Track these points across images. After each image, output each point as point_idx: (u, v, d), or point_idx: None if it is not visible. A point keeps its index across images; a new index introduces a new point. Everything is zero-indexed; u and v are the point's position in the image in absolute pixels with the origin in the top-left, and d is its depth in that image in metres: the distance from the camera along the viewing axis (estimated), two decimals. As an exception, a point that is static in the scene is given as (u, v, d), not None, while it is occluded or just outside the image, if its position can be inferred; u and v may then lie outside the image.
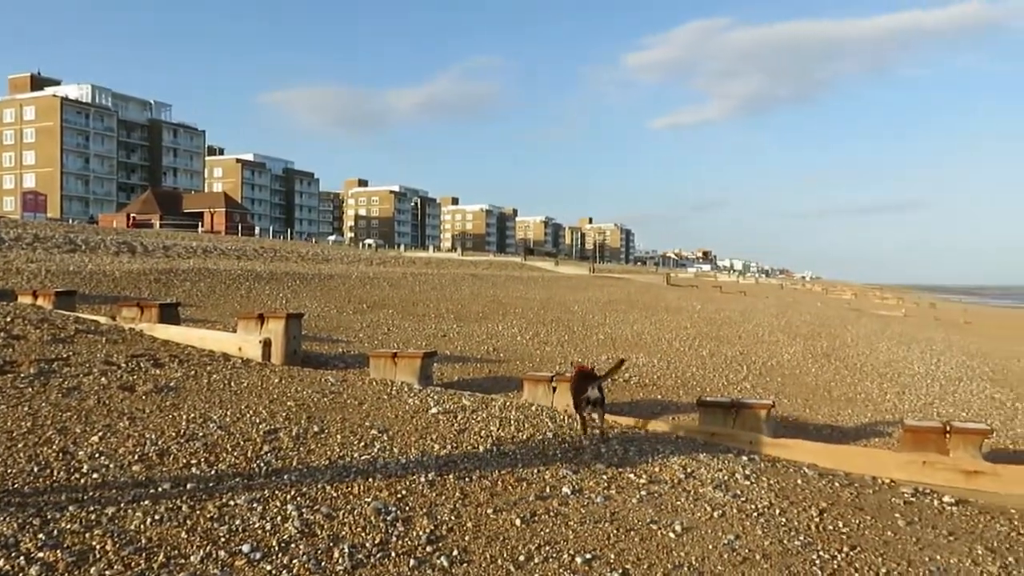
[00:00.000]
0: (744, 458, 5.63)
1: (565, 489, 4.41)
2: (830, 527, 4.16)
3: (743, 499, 4.53)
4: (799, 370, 12.31)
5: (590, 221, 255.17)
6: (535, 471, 4.73)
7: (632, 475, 4.84)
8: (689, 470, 5.07)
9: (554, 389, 7.23)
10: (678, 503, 4.37)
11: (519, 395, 7.66)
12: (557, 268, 57.15)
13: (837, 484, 5.13)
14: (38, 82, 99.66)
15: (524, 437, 5.60)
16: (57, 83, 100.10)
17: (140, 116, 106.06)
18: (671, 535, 3.82)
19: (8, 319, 8.47)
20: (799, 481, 5.11)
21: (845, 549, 3.82)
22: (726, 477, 4.98)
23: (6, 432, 4.65)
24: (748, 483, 4.89)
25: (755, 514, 4.26)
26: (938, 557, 3.86)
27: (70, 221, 57.92)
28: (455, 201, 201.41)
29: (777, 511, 4.36)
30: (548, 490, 4.39)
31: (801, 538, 3.92)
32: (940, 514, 4.72)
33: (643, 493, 4.49)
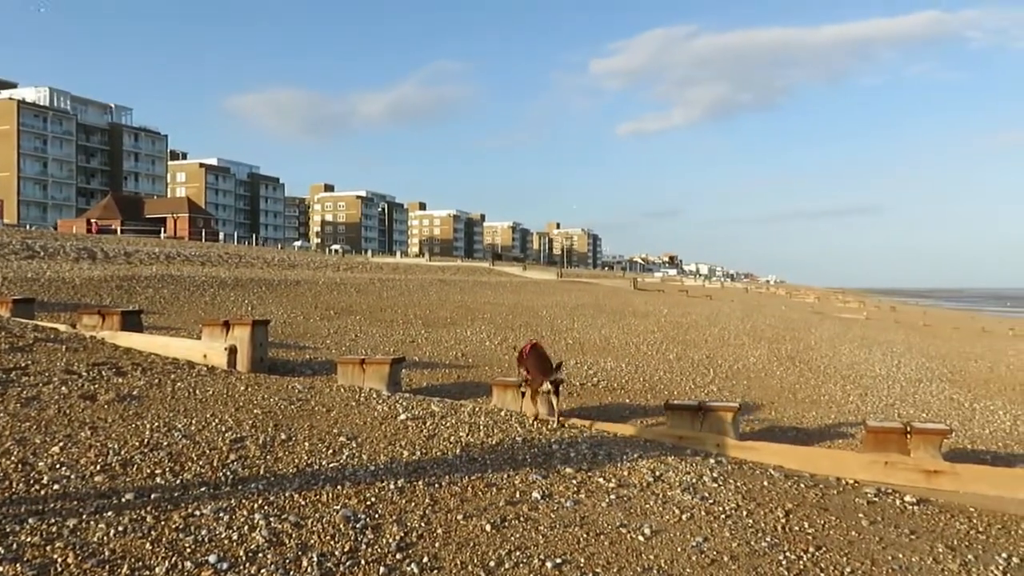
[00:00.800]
0: (711, 460, 5.69)
1: (535, 494, 4.42)
2: (796, 528, 4.22)
3: (711, 501, 4.58)
4: (765, 373, 12.47)
5: (558, 226, 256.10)
6: (505, 476, 4.74)
7: (601, 479, 4.87)
8: (657, 473, 5.11)
9: (523, 394, 7.23)
10: (647, 506, 4.40)
11: (488, 400, 7.66)
12: (525, 273, 57.26)
13: (803, 485, 5.21)
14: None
15: (494, 442, 5.60)
16: (14, 86, 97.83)
17: (100, 120, 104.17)
18: (640, 538, 3.85)
19: (-37, 327, 8.26)
20: (765, 483, 5.18)
21: (811, 549, 3.88)
22: (694, 480, 5.03)
23: (-38, 444, 4.53)
24: (716, 485, 4.95)
25: (723, 516, 4.31)
26: (900, 556, 3.93)
27: (27, 227, 56.64)
28: (422, 206, 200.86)
29: (744, 513, 4.41)
30: (518, 495, 4.40)
31: (768, 539, 3.98)
32: (902, 513, 4.81)
33: (612, 497, 4.52)
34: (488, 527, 3.84)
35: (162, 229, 66.47)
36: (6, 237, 28.95)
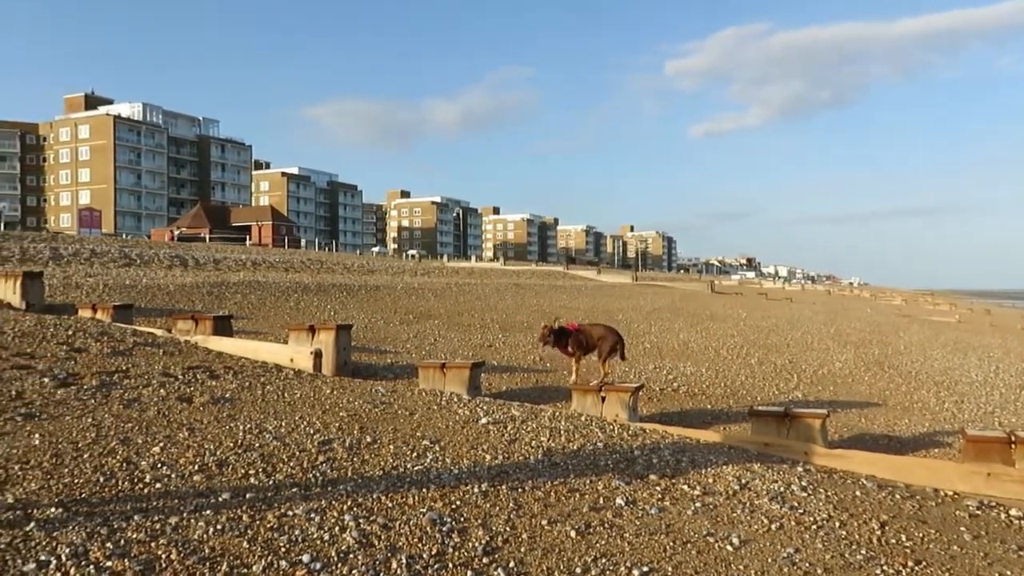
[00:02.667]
0: (799, 469, 5.54)
1: (618, 500, 4.39)
2: (893, 541, 4.06)
3: (801, 511, 4.45)
4: (852, 378, 12.06)
5: (631, 229, 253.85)
6: (587, 482, 4.72)
7: (685, 486, 4.80)
8: (743, 481, 5.00)
9: (603, 399, 7.20)
10: (734, 515, 4.31)
11: (568, 405, 7.64)
12: (599, 277, 56.91)
13: (898, 496, 5.01)
14: (92, 101, 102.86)
15: (575, 448, 5.59)
16: (110, 102, 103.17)
17: (189, 132, 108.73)
18: (728, 548, 3.77)
19: (70, 332, 8.73)
20: (858, 493, 5.00)
21: (910, 564, 3.72)
22: (782, 488, 4.90)
23: (72, 443, 4.79)
24: (805, 495, 4.81)
25: (814, 527, 4.19)
26: (1008, 573, 3.74)
27: (124, 236, 59.51)
28: (496, 211, 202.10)
29: (836, 524, 4.27)
30: (601, 501, 4.37)
31: (863, 552, 3.84)
32: (1008, 528, 4.57)
33: (697, 505, 4.44)
34: (573, 533, 3.82)
35: (247, 237, 68.86)
36: (105, 246, 30.49)
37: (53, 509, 3.63)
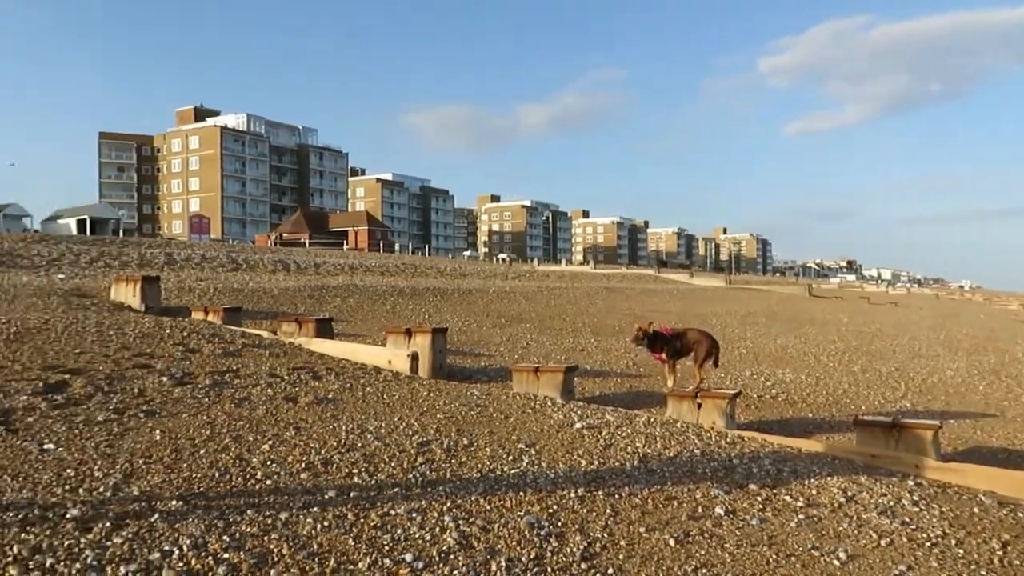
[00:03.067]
0: (910, 482, 5.30)
1: (718, 509, 4.31)
2: (1017, 562, 3.84)
3: (912, 527, 4.26)
4: (965, 387, 11.44)
5: (724, 231, 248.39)
6: (685, 490, 4.65)
7: (788, 497, 4.67)
8: (850, 493, 4.82)
9: (699, 405, 7.08)
10: (840, 528, 4.16)
11: (662, 411, 7.55)
12: (692, 280, 55.90)
13: (1020, 514, 4.73)
14: (201, 113, 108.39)
15: (671, 454, 5.52)
16: (217, 113, 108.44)
17: (290, 141, 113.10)
18: (835, 563, 3.65)
19: (185, 334, 9.22)
20: (975, 509, 4.74)
21: (1035, 586, 3.51)
22: (891, 502, 4.70)
23: (189, 439, 5.06)
24: (917, 510, 4.60)
25: (927, 544, 4.00)
26: None
27: (230, 241, 62.31)
28: (586, 214, 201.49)
29: (953, 542, 4.07)
30: (700, 510, 4.31)
31: (983, 572, 3.64)
32: None
33: (801, 516, 4.32)
34: (672, 542, 3.78)
35: (344, 241, 70.95)
36: (214, 251, 32.04)
37: (174, 502, 3.85)
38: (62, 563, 3.07)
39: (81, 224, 63.61)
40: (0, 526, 3.41)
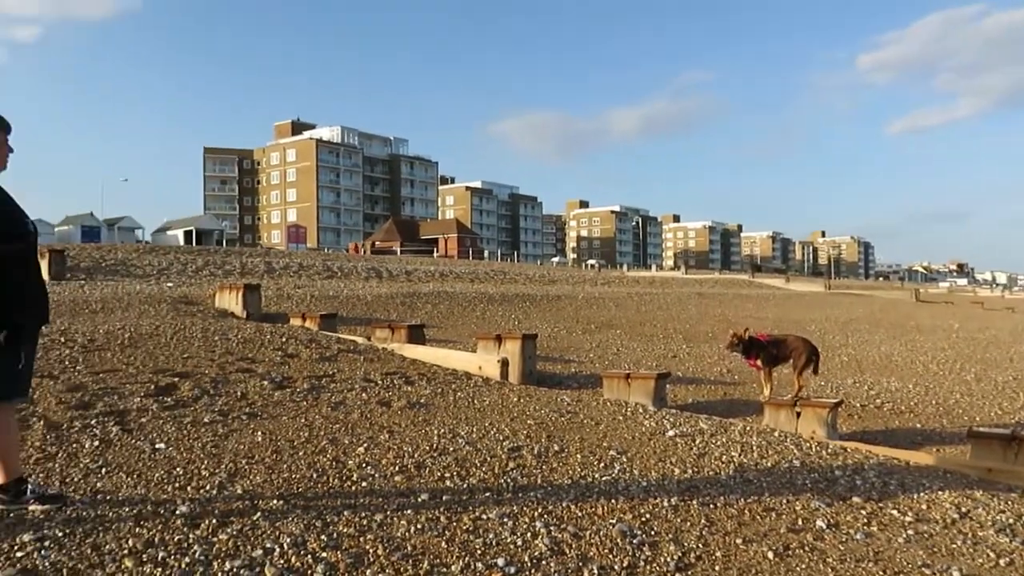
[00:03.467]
0: (1031, 499, 4.95)
1: (819, 523, 4.14)
2: None
3: (1035, 547, 3.98)
4: (1092, 399, 10.63)
5: (823, 235, 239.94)
6: (784, 501, 4.49)
7: (895, 511, 4.44)
8: (963, 509, 4.55)
9: (798, 415, 6.84)
10: (953, 546, 3.93)
11: (758, 420, 7.33)
12: (788, 285, 54.20)
13: None
14: (298, 127, 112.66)
15: (768, 464, 5.34)
16: (313, 127, 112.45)
17: (382, 152, 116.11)
18: (949, 582, 3.44)
19: (284, 339, 9.56)
20: (1107, 530, 4.39)
21: None
22: (1011, 520, 4.40)
23: (288, 441, 5.24)
24: (1040, 529, 4.29)
25: (1052, 565, 3.72)
26: None
27: (325, 250, 64.38)
28: (676, 219, 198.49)
29: (1081, 564, 3.77)
30: (800, 522, 4.15)
31: (1117, 598, 3.37)
32: None
33: (910, 532, 4.09)
34: (770, 554, 3.65)
35: (435, 249, 72.20)
36: (311, 260, 33.15)
37: (275, 501, 3.98)
38: (172, 557, 3.22)
39: (188, 235, 67.09)
40: (117, 520, 3.60)
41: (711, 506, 4.31)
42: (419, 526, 3.74)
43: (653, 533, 3.84)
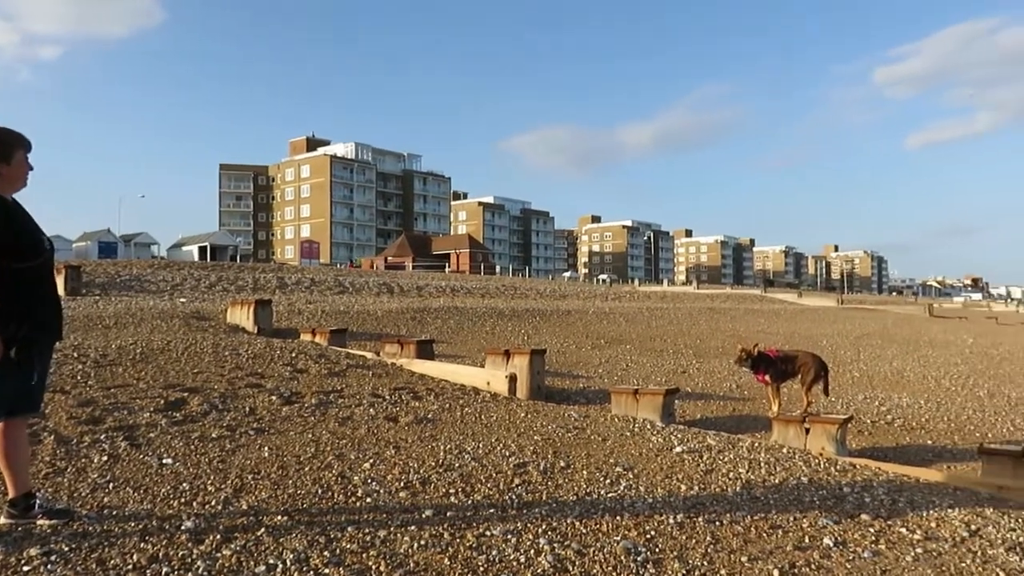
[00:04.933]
0: (1043, 517, 4.89)
1: (826, 540, 4.11)
2: None
3: (1045, 566, 3.93)
4: (1108, 415, 10.50)
5: (835, 249, 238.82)
6: (791, 519, 4.46)
7: (903, 529, 4.40)
8: (973, 527, 4.50)
9: (807, 431, 6.80)
10: (963, 565, 3.88)
11: (768, 436, 7.29)
12: (800, 300, 53.94)
13: None
14: (312, 143, 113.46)
15: (776, 481, 5.31)
16: (327, 143, 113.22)
17: (395, 167, 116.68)
18: (956, 601, 3.41)
19: (294, 355, 9.60)
20: (1119, 549, 4.33)
21: None
22: (1022, 538, 4.35)
23: (295, 456, 5.25)
24: (1051, 547, 4.23)
25: (1063, 585, 3.68)
26: None
27: (338, 265, 64.63)
28: (688, 233, 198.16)
29: (1092, 583, 3.72)
30: (807, 540, 4.11)
31: None
32: None
33: (919, 551, 4.05)
34: (776, 573, 3.63)
35: (447, 264, 72.36)
36: (322, 275, 33.31)
37: (280, 517, 3.99)
38: (175, 572, 3.23)
39: (202, 251, 67.57)
40: (123, 535, 3.62)
41: (717, 523, 4.28)
42: (422, 542, 3.74)
43: (658, 551, 3.82)
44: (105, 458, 5.00)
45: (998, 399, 11.47)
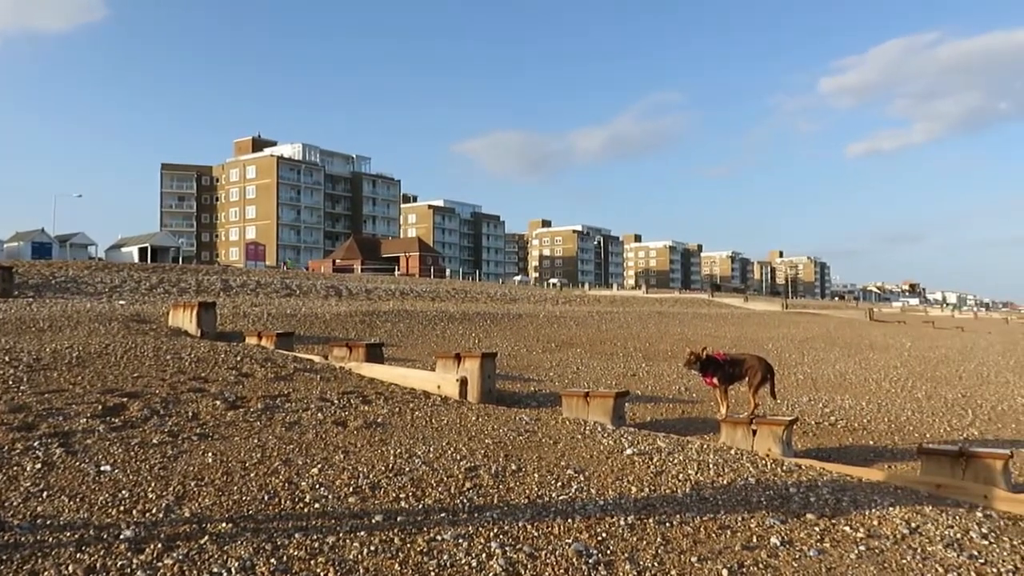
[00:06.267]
0: (978, 514, 5.05)
1: (773, 540, 4.17)
2: (1096, 600, 3.61)
3: (981, 561, 4.05)
4: (1037, 415, 10.92)
5: (780, 255, 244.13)
6: (739, 519, 4.51)
7: (847, 527, 4.49)
8: (913, 525, 4.62)
9: (754, 432, 6.90)
10: (903, 561, 3.98)
11: (716, 438, 7.39)
12: (746, 304, 54.99)
13: (1099, 549, 4.46)
14: (258, 144, 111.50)
15: (724, 482, 5.37)
16: (274, 144, 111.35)
17: (344, 169, 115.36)
18: (899, 597, 3.48)
19: (239, 358, 9.39)
20: (1050, 544, 4.49)
21: (1118, 627, 3.29)
22: (958, 535, 4.48)
23: (240, 462, 5.12)
24: (986, 543, 4.37)
25: (998, 579, 3.79)
26: None
27: (284, 268, 63.59)
28: (638, 238, 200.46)
29: (1026, 577, 3.85)
30: (755, 540, 4.17)
31: (1060, 611, 3.43)
32: None
33: (861, 548, 4.14)
34: (725, 572, 3.66)
35: (396, 267, 71.81)
36: (268, 278, 32.71)
37: (224, 524, 3.88)
38: (114, 583, 3.11)
39: (143, 252, 65.77)
40: (58, 546, 3.48)
41: (667, 524, 4.31)
42: (372, 548, 3.68)
43: (609, 552, 3.82)
44: (39, 465, 4.80)
45: (935, 400, 11.83)
